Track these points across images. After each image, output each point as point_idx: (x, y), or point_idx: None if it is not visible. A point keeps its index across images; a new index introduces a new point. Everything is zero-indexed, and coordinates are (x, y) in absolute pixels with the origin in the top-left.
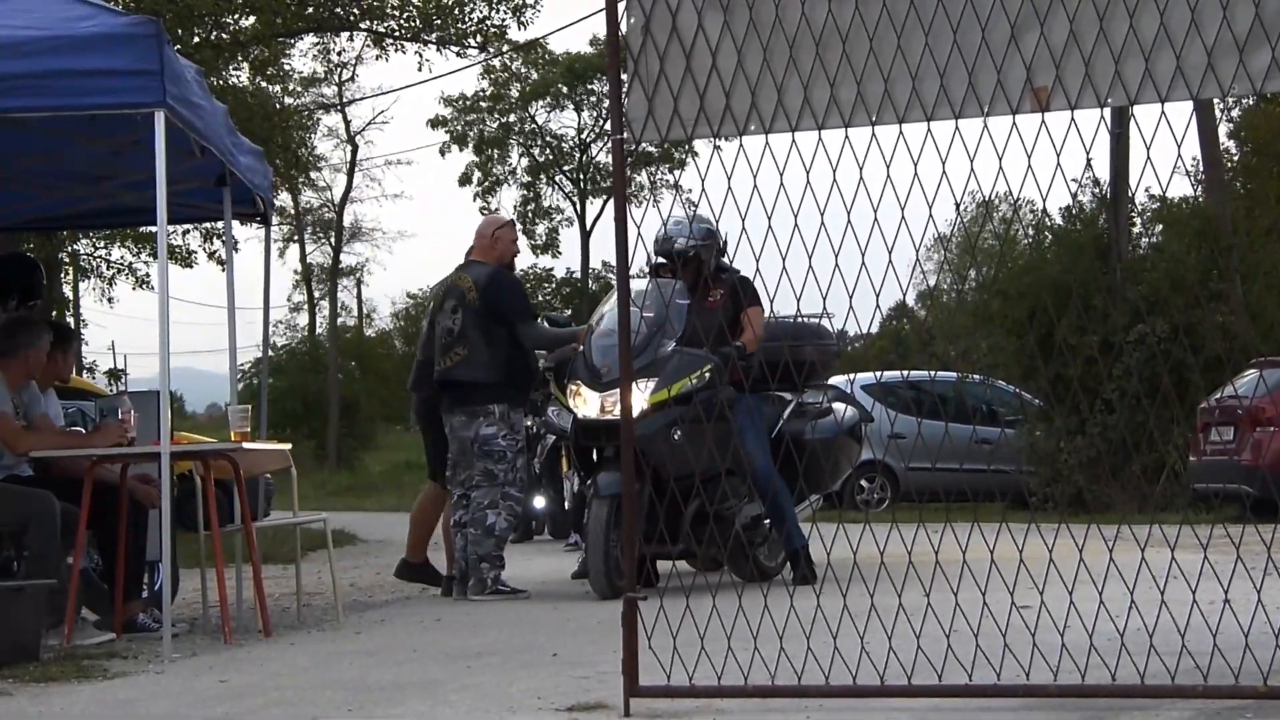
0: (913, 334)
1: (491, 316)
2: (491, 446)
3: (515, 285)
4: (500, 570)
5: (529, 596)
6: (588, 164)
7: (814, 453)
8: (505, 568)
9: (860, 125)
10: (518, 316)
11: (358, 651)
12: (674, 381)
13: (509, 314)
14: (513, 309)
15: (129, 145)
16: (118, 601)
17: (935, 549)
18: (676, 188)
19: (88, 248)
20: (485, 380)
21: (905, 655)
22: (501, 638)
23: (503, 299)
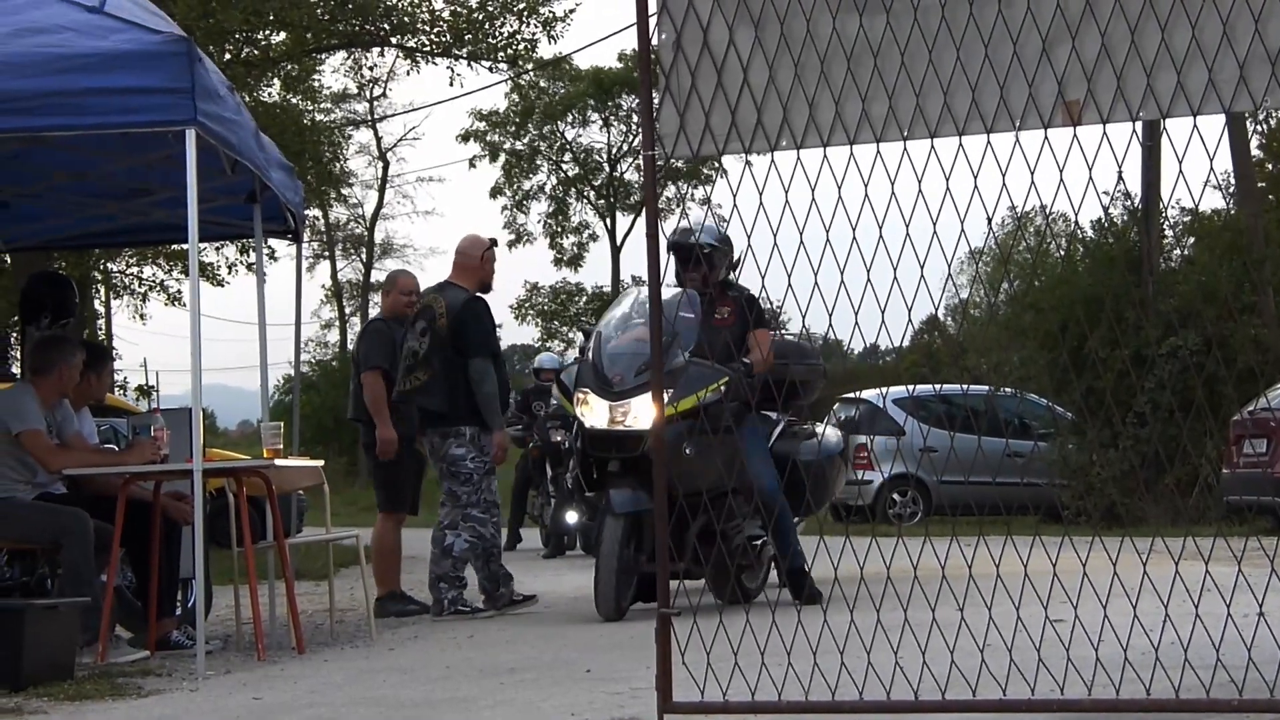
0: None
1: (454, 344)
2: (459, 468)
3: (483, 318)
4: (459, 590)
5: (490, 615)
6: (616, 179)
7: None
8: (465, 587)
9: (892, 140)
10: (476, 349)
11: (391, 668)
12: (692, 392)
13: (468, 344)
14: (473, 342)
15: (161, 162)
16: (151, 619)
17: (968, 563)
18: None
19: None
20: (444, 410)
21: (939, 669)
22: (535, 654)
23: (468, 330)
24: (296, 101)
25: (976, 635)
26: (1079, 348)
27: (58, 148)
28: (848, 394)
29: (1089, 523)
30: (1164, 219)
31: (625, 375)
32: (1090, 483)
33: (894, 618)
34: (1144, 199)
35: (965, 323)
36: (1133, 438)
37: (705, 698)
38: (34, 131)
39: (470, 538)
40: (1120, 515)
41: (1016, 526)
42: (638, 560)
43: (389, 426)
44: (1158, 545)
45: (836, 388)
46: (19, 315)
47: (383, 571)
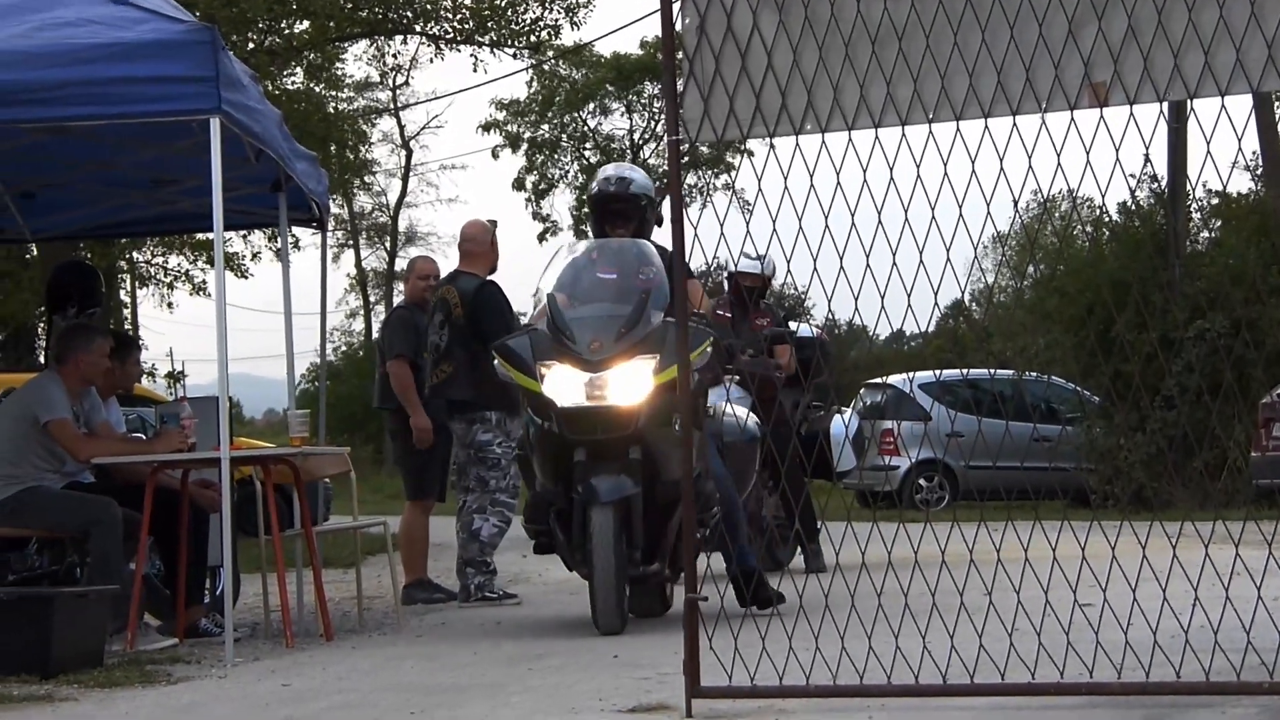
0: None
1: (474, 332)
2: (486, 453)
3: (499, 301)
4: (487, 577)
5: (519, 602)
6: (641, 165)
7: (737, 456)
8: (496, 573)
9: (916, 123)
10: (495, 332)
11: (419, 655)
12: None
13: (486, 329)
14: (492, 325)
15: (185, 151)
16: (180, 606)
17: (997, 547)
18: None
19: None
20: (472, 399)
21: (968, 654)
22: (562, 640)
23: (484, 317)
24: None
25: (1005, 619)
26: (1106, 331)
27: (83, 138)
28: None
29: (1117, 507)
30: (1191, 201)
31: (606, 342)
32: (1118, 466)
33: (922, 602)
34: (1171, 181)
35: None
36: (1161, 421)
37: (733, 682)
38: (59, 121)
39: (498, 522)
40: (1149, 499)
41: (1044, 511)
42: (631, 558)
43: (423, 415)
44: (1187, 529)
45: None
46: (46, 305)
47: (410, 558)
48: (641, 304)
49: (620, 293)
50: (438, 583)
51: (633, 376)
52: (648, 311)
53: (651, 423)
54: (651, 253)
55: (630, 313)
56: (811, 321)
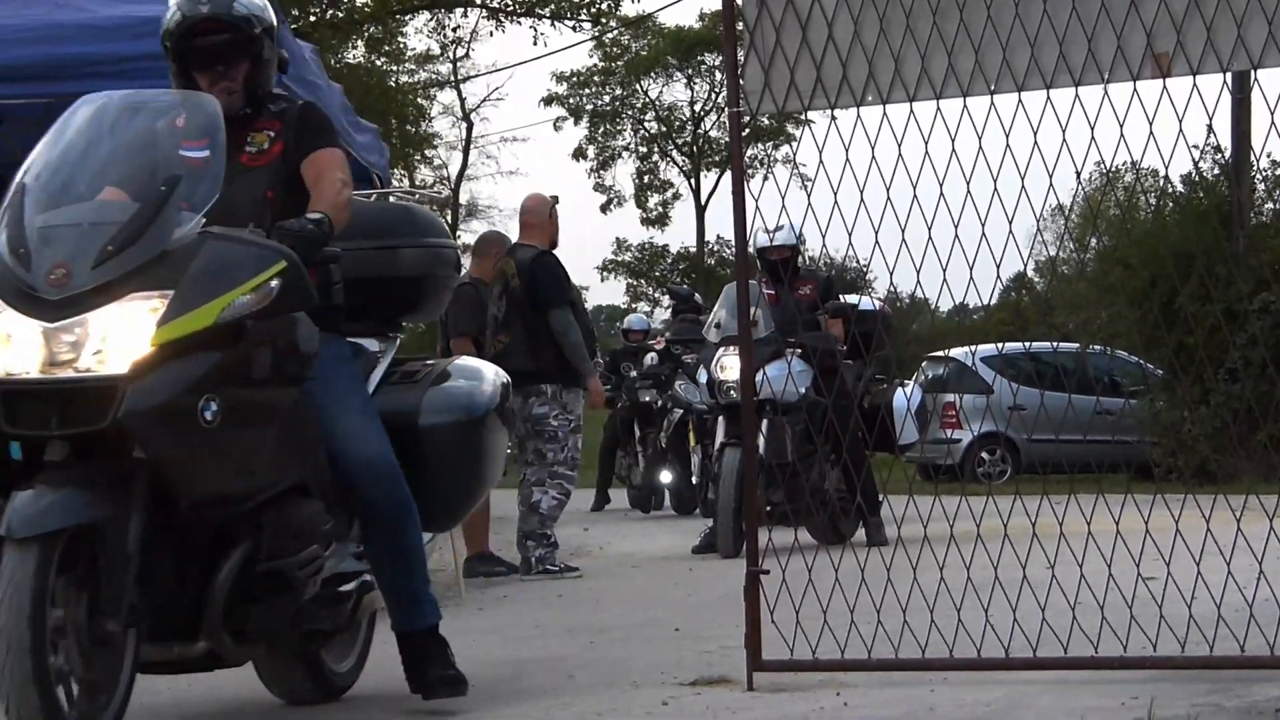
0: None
1: (531, 301)
2: (543, 426)
3: (555, 270)
4: (548, 550)
5: (580, 575)
6: (700, 136)
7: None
8: (557, 546)
9: (979, 94)
10: (552, 301)
11: (480, 628)
12: (214, 293)
13: (544, 298)
14: (549, 294)
15: None
16: None
17: (1060, 521)
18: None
19: None
20: (530, 369)
21: (1030, 628)
22: (623, 613)
23: (542, 284)
24: (380, 63)
25: (1068, 593)
26: (1169, 304)
27: None
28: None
29: (1181, 480)
30: (1255, 172)
31: (76, 266)
32: (1182, 440)
33: (984, 576)
34: (1235, 152)
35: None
36: (1225, 394)
37: (795, 656)
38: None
39: (558, 495)
40: (1213, 472)
41: (1107, 484)
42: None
43: None
44: (1251, 502)
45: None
46: None
47: (471, 532)
48: (157, 205)
49: (127, 182)
50: (499, 556)
51: (119, 328)
52: (167, 217)
53: (148, 408)
54: (212, 112)
55: (131, 219)
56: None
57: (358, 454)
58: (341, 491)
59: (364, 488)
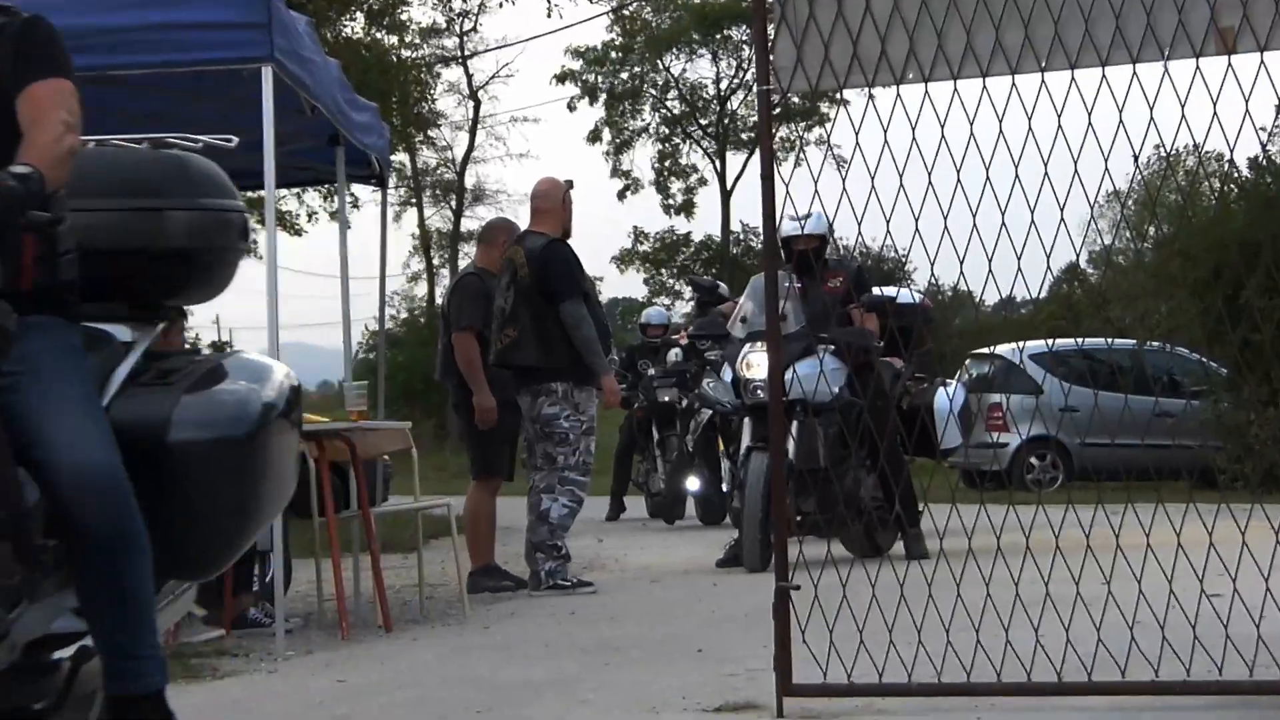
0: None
1: (541, 292)
2: (553, 428)
3: (568, 258)
4: (559, 562)
5: (594, 590)
6: (726, 116)
7: None
8: (568, 559)
9: (1028, 72)
10: (563, 292)
11: (486, 646)
12: None
13: (555, 289)
14: (560, 284)
15: (236, 103)
16: (227, 595)
17: (1115, 532)
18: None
19: None
20: (538, 364)
21: (1084, 649)
22: (641, 631)
23: (551, 273)
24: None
25: (1125, 611)
26: (1234, 296)
27: (127, 88)
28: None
29: (1247, 488)
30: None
31: None
32: (1248, 444)
33: (1034, 592)
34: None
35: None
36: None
37: (828, 680)
38: (103, 70)
39: (569, 502)
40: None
41: (1167, 493)
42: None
43: (486, 393)
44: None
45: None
46: None
47: (476, 543)
48: None
49: None
50: (506, 569)
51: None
52: None
53: None
54: None
55: None
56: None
57: (69, 463)
58: (53, 520)
59: (73, 505)
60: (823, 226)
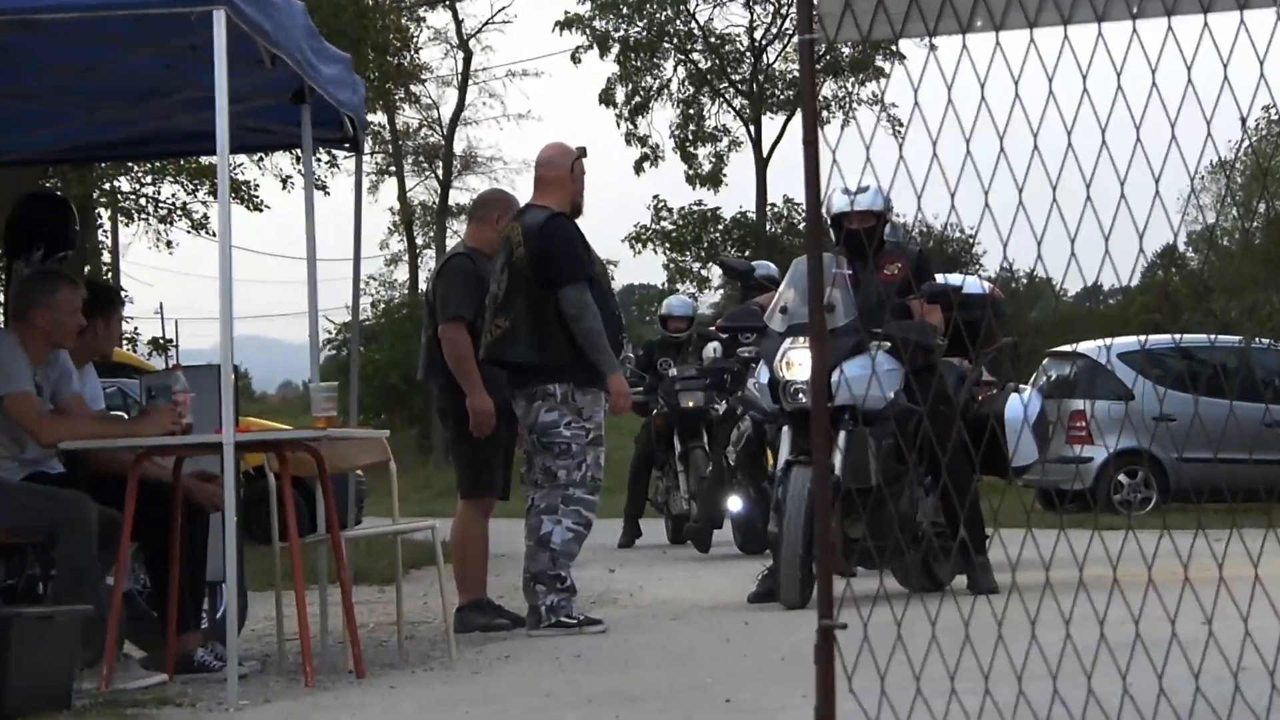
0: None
1: (538, 275)
2: (551, 438)
3: (570, 235)
4: (563, 597)
5: (604, 629)
6: (762, 71)
7: None
8: (574, 592)
9: (1118, 19)
10: (563, 274)
11: (475, 697)
12: None
13: (555, 271)
14: (560, 266)
15: (184, 54)
16: (170, 633)
17: (1219, 563)
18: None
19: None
20: (535, 361)
21: (1180, 700)
22: (659, 678)
23: (550, 252)
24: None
25: (1229, 655)
26: None
27: (55, 36)
28: (1061, 347)
29: None
30: None
31: None
32: None
33: (1122, 633)
34: None
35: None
36: None
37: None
38: (24, 14)
39: (574, 525)
40: None
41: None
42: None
43: (482, 394)
44: None
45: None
46: (5, 247)
47: (465, 573)
48: None
49: None
50: (500, 604)
51: None
52: None
53: None
54: None
55: None
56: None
57: None
58: None
59: None
60: (879, 202)
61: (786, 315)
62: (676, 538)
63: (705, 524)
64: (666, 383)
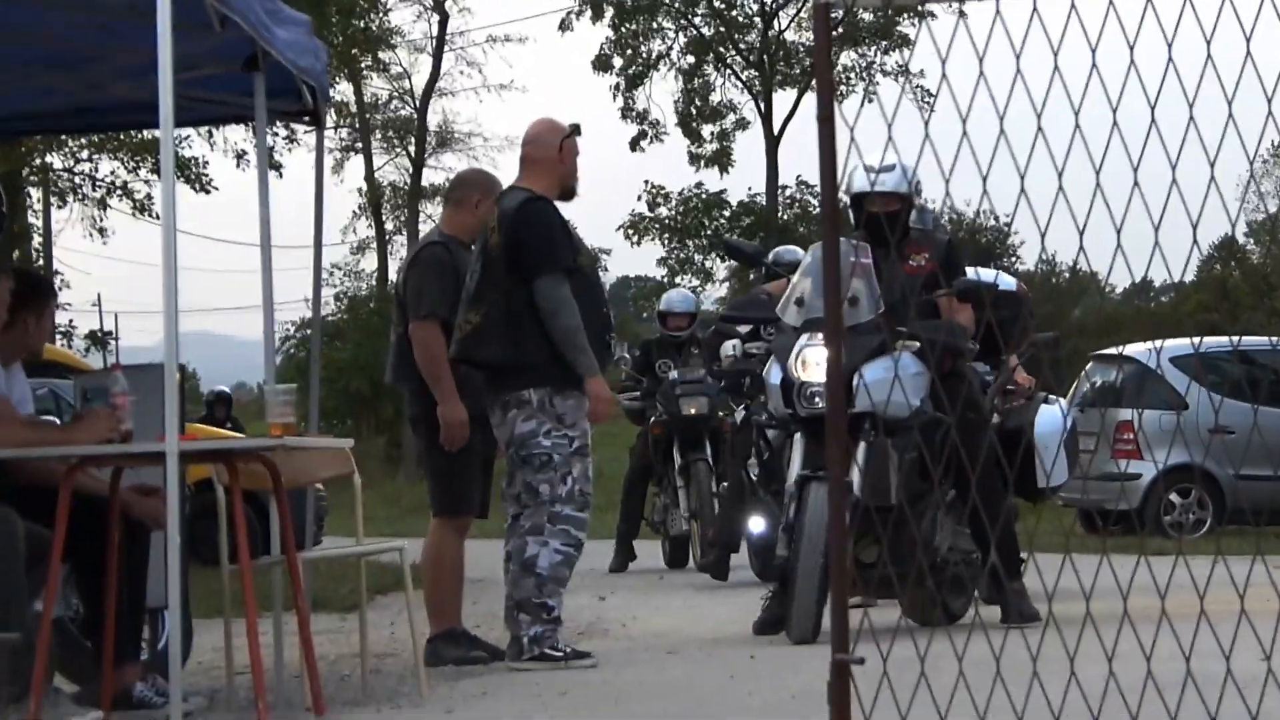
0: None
1: (511, 265)
2: (530, 450)
3: (547, 220)
4: (548, 627)
5: (593, 664)
6: (773, 42)
7: None
8: (560, 622)
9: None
10: (539, 264)
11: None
12: None
13: (529, 259)
14: (535, 254)
15: (122, 14)
16: (107, 665)
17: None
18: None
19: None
20: (507, 361)
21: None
22: (654, 716)
23: (525, 239)
24: None
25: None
26: None
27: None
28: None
29: None
30: None
31: None
32: None
33: (1171, 671)
34: None
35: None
36: None
37: None
38: None
39: (563, 546)
40: None
41: None
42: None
43: (455, 402)
44: None
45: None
46: None
47: (438, 600)
48: None
49: None
50: (477, 634)
51: None
52: None
53: None
54: None
55: None
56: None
57: None
58: None
59: None
60: (905, 183)
61: (803, 308)
62: (674, 561)
63: (722, 550)
64: (666, 387)
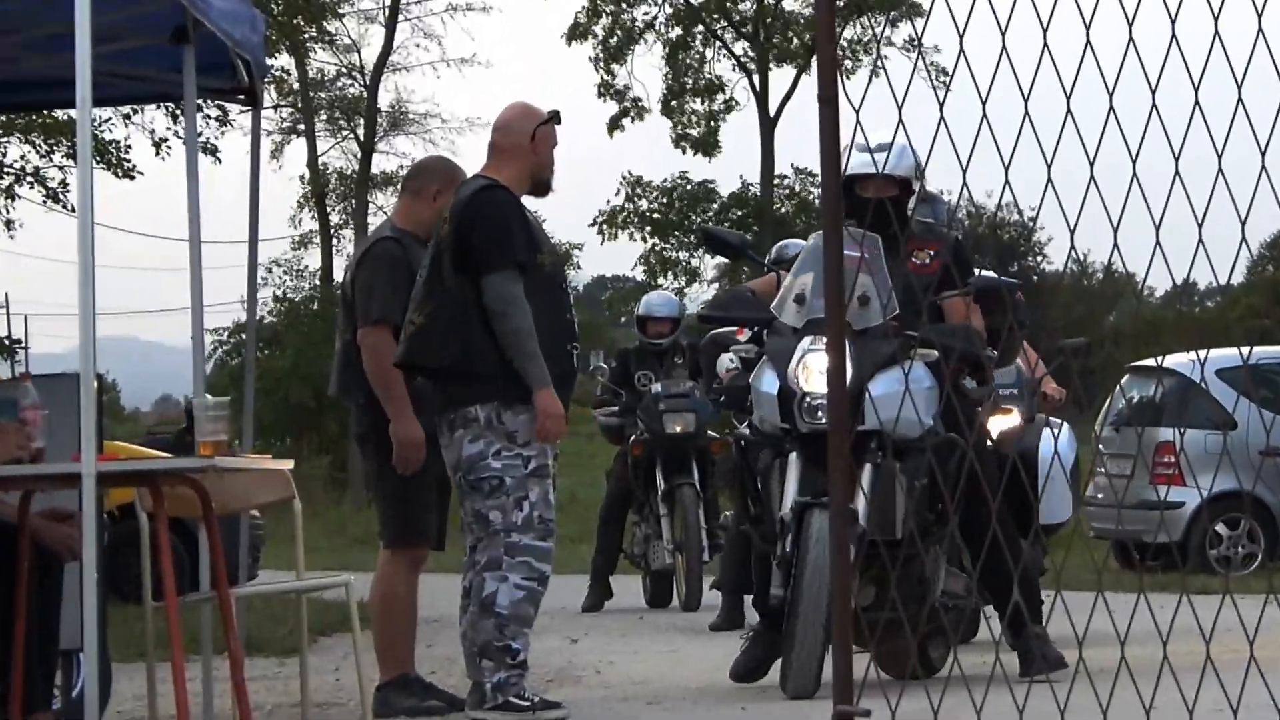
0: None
1: (459, 261)
2: (478, 473)
3: (500, 210)
4: (512, 673)
5: (565, 715)
6: (769, 12)
7: None
8: (525, 667)
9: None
10: (489, 260)
11: None
12: None
13: (477, 253)
14: (484, 248)
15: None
16: (15, 713)
17: None
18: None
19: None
20: (453, 367)
21: None
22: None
23: (473, 230)
24: None
25: None
26: None
27: None
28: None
29: None
30: None
31: None
32: None
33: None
34: None
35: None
36: None
37: None
38: None
39: (524, 580)
40: None
41: None
42: None
43: (409, 419)
44: None
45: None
46: None
47: (388, 642)
48: None
49: None
50: (432, 681)
51: None
52: None
53: None
54: None
55: None
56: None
57: None
58: None
59: None
60: (907, 164)
61: (804, 307)
62: (656, 599)
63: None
64: (647, 401)
